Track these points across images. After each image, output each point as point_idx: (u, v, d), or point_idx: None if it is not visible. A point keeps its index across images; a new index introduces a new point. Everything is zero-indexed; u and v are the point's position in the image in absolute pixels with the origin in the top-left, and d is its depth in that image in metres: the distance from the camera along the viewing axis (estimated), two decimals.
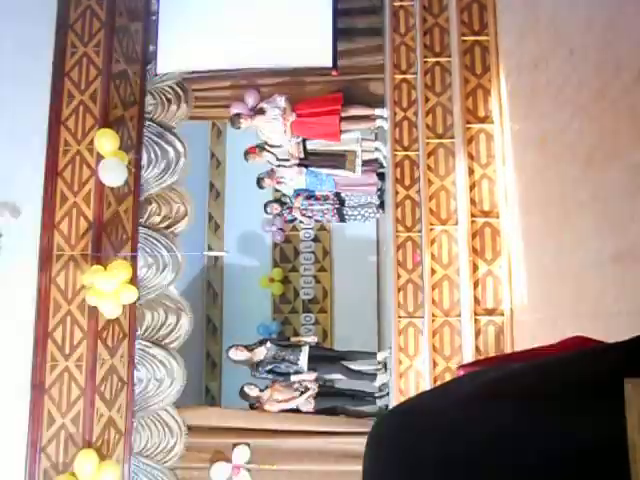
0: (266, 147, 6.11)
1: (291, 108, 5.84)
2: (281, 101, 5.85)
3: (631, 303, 1.95)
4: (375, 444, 0.90)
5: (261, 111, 5.88)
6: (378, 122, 5.89)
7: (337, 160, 5.99)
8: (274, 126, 5.85)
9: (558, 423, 0.78)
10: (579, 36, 2.44)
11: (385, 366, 5.76)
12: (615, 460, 0.73)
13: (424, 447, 0.82)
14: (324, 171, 6.10)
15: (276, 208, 6.81)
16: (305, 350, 5.87)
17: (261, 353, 5.91)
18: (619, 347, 0.87)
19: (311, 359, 5.81)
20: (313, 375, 5.76)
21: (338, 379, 6.01)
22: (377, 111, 5.78)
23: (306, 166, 6.09)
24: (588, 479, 0.74)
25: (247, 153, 6.25)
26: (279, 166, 6.15)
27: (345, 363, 5.97)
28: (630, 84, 1.96)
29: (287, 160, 6.06)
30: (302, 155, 6.04)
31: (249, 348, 5.95)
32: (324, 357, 5.97)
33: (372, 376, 5.88)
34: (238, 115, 5.98)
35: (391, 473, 0.84)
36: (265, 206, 6.93)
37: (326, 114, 5.78)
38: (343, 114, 5.77)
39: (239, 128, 6.04)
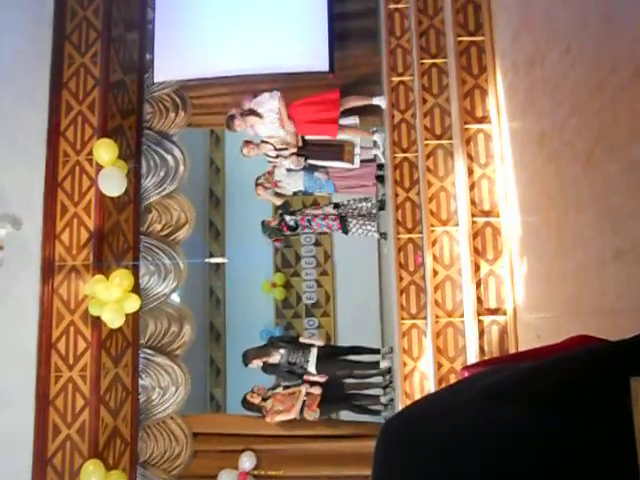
0: (263, 138, 6.04)
1: (285, 108, 5.78)
2: (274, 102, 5.78)
3: (634, 300, 1.95)
4: (383, 448, 0.91)
5: (256, 113, 5.83)
6: (374, 151, 5.89)
7: (335, 151, 5.95)
8: (271, 128, 5.82)
9: (560, 423, 0.77)
10: (575, 33, 2.44)
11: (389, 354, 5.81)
12: (619, 462, 0.72)
13: (430, 450, 0.82)
14: (324, 163, 6.00)
15: (273, 220, 6.63)
16: (314, 352, 5.86)
17: (275, 358, 5.90)
18: (623, 345, 0.87)
19: (319, 359, 5.79)
20: (324, 377, 5.73)
21: (345, 383, 5.97)
22: (375, 99, 5.75)
23: (305, 157, 6.02)
24: (593, 477, 0.74)
25: (243, 146, 6.11)
26: (277, 156, 6.04)
27: (350, 357, 5.99)
28: (627, 81, 1.96)
29: (285, 149, 5.97)
30: (300, 144, 5.99)
31: (262, 354, 5.91)
32: (330, 354, 5.96)
33: (375, 363, 5.89)
34: (232, 117, 5.91)
35: (399, 476, 0.85)
36: (262, 224, 6.73)
37: (324, 111, 5.73)
38: (342, 108, 5.73)
39: (234, 131, 6.00)
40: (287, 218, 6.36)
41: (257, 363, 5.87)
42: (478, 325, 3.86)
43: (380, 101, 5.70)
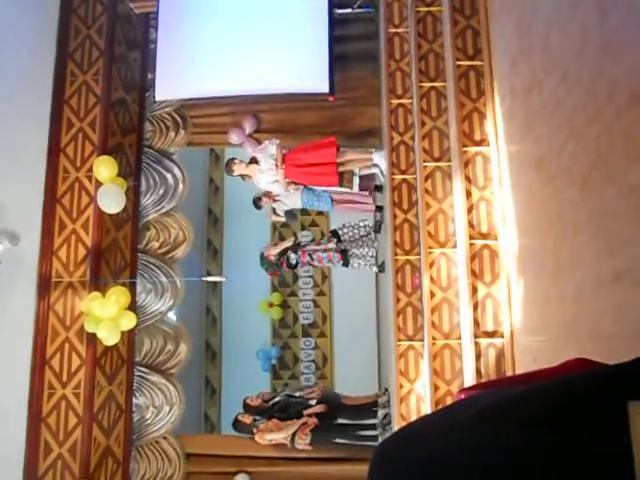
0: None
1: (282, 158, 5.76)
2: (272, 149, 5.78)
3: (631, 324, 1.95)
4: (376, 469, 0.90)
5: (255, 161, 5.84)
6: (373, 169, 5.90)
7: None
8: (268, 176, 5.82)
9: (558, 446, 0.77)
10: (572, 60, 2.48)
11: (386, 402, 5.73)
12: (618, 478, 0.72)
13: (425, 471, 0.82)
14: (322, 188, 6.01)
15: (273, 250, 6.49)
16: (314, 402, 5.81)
17: (275, 400, 5.90)
18: (620, 368, 0.87)
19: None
20: (323, 407, 5.65)
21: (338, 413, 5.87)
22: (375, 157, 5.76)
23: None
24: None
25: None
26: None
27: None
28: (624, 107, 1.99)
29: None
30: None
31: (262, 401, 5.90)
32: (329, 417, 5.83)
33: (373, 412, 5.78)
34: (233, 159, 5.95)
35: None
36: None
37: (322, 165, 5.74)
38: (339, 160, 5.73)
39: (232, 173, 5.96)
40: (291, 256, 6.29)
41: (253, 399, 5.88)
42: (475, 348, 3.85)
43: (379, 158, 5.69)
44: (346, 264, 6.13)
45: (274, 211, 6.39)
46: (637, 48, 1.89)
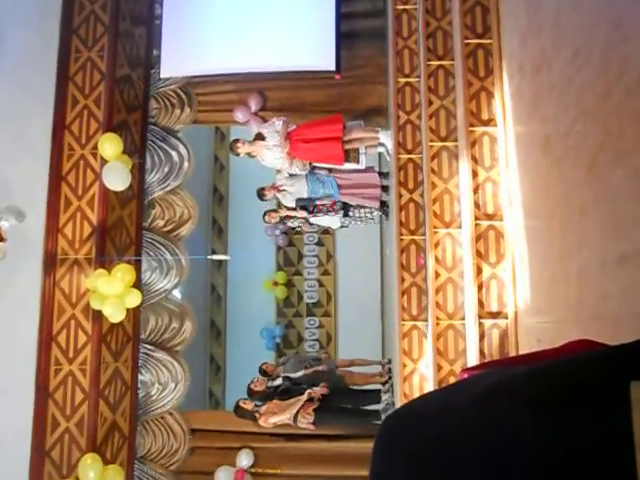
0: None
1: (287, 135, 5.70)
2: (279, 125, 5.70)
3: (635, 305, 1.94)
4: (381, 445, 0.91)
5: (261, 137, 5.78)
6: (379, 149, 5.87)
7: None
8: (274, 153, 5.75)
9: (561, 425, 0.78)
10: (583, 38, 2.44)
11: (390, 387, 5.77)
12: (618, 460, 0.73)
13: (429, 446, 0.83)
14: (328, 165, 5.97)
15: (274, 217, 6.58)
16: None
17: (277, 382, 5.93)
18: (623, 349, 0.87)
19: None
20: (325, 389, 5.64)
21: (342, 397, 5.89)
22: (381, 136, 5.72)
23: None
24: (589, 474, 0.74)
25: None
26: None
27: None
28: (634, 87, 1.96)
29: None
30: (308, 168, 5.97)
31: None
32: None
33: (377, 394, 5.82)
34: (237, 140, 5.89)
35: (396, 473, 0.85)
36: (263, 215, 6.70)
37: (328, 140, 5.69)
38: (345, 137, 5.68)
39: (238, 154, 5.91)
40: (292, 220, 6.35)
41: (257, 385, 5.89)
42: (479, 328, 3.86)
43: (386, 137, 5.65)
44: (346, 213, 6.13)
45: (279, 206, 6.36)
46: None
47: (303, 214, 6.20)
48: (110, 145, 5.40)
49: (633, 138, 1.97)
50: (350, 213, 6.17)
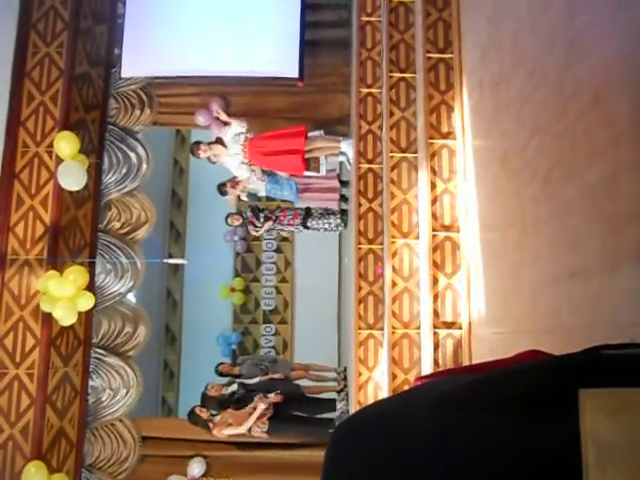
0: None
1: (247, 145, 5.74)
2: (238, 129, 5.76)
3: (585, 318, 2.00)
4: (333, 446, 0.91)
5: (220, 141, 5.81)
6: (340, 157, 5.93)
7: None
8: (235, 160, 5.80)
9: (510, 432, 0.79)
10: (540, 57, 2.51)
11: (344, 394, 5.78)
12: (567, 469, 0.74)
13: (380, 452, 0.83)
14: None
15: (237, 219, 6.70)
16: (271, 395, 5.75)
17: (232, 388, 5.85)
18: (571, 358, 0.89)
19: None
20: (279, 397, 5.56)
21: (297, 405, 5.85)
22: (342, 145, 5.78)
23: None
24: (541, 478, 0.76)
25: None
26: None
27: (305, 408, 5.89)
28: (586, 106, 2.02)
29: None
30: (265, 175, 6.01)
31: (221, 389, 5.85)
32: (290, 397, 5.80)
33: (332, 404, 5.81)
34: (198, 143, 5.93)
35: (346, 474, 0.84)
36: (226, 217, 6.80)
37: (289, 153, 5.72)
38: (307, 147, 5.73)
39: (199, 157, 5.99)
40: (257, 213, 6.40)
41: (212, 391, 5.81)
42: (433, 338, 3.90)
43: (347, 146, 5.72)
44: (305, 224, 6.18)
45: (239, 198, 6.38)
46: (602, 49, 1.92)
47: (268, 225, 6.29)
48: (66, 144, 5.27)
49: (586, 156, 2.04)
50: (309, 224, 6.22)
